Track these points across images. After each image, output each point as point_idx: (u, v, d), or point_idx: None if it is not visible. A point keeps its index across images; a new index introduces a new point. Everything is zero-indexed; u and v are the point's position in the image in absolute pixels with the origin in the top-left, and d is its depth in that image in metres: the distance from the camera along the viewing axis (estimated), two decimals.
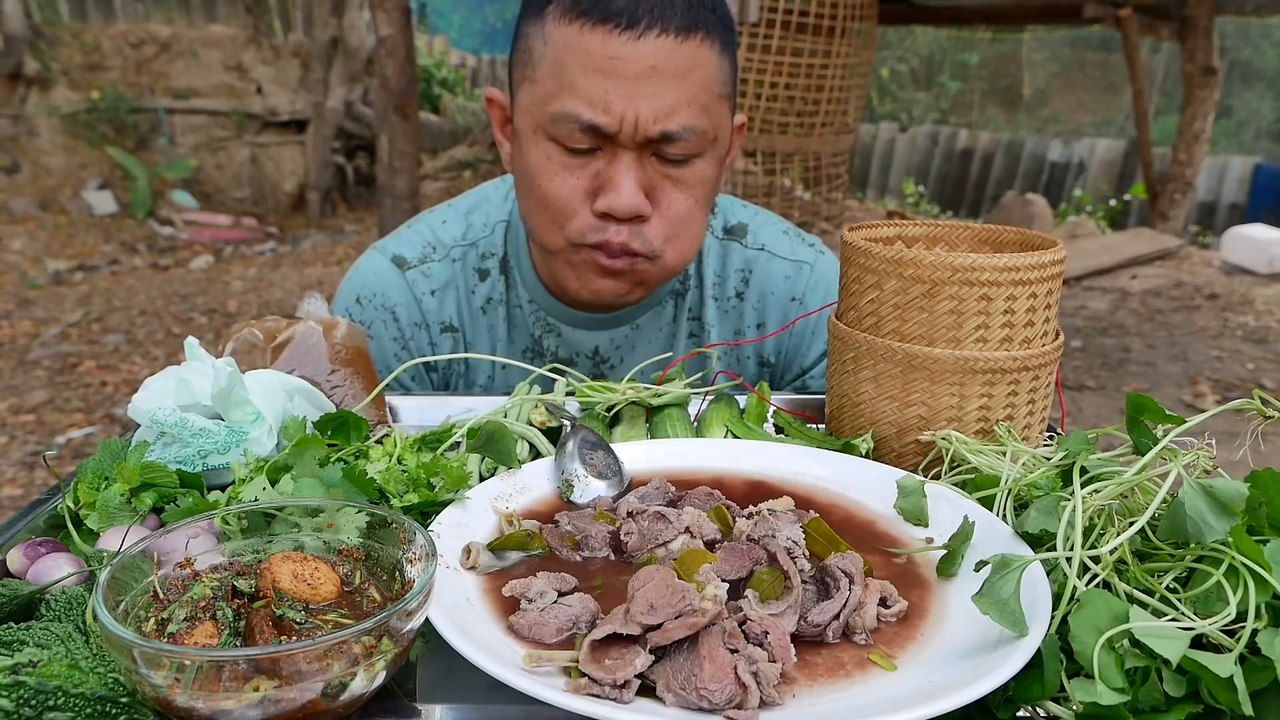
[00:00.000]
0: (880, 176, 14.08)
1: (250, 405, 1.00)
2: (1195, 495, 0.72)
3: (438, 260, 1.51)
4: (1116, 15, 7.87)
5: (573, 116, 1.21)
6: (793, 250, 1.57)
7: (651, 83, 1.20)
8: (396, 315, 1.49)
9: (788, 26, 7.01)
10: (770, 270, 1.55)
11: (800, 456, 1.05)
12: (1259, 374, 5.60)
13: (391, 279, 1.50)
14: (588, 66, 1.20)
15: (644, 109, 1.20)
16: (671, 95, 1.21)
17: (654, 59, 1.19)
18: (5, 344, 5.83)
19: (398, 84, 5.61)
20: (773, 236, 1.57)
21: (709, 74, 1.25)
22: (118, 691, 0.64)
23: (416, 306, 1.50)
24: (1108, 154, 12.30)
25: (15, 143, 9.19)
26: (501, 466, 1.02)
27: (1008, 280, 0.98)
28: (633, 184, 1.24)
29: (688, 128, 1.23)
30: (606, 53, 1.19)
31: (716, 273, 1.56)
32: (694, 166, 1.28)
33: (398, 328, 1.50)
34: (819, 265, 1.57)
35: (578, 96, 1.21)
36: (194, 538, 0.77)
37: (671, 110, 1.21)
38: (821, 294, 1.55)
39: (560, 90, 1.22)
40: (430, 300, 1.50)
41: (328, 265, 8.19)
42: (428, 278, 1.50)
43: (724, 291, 1.56)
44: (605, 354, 1.54)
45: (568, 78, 1.21)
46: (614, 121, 1.21)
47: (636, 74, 1.19)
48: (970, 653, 0.70)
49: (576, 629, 0.73)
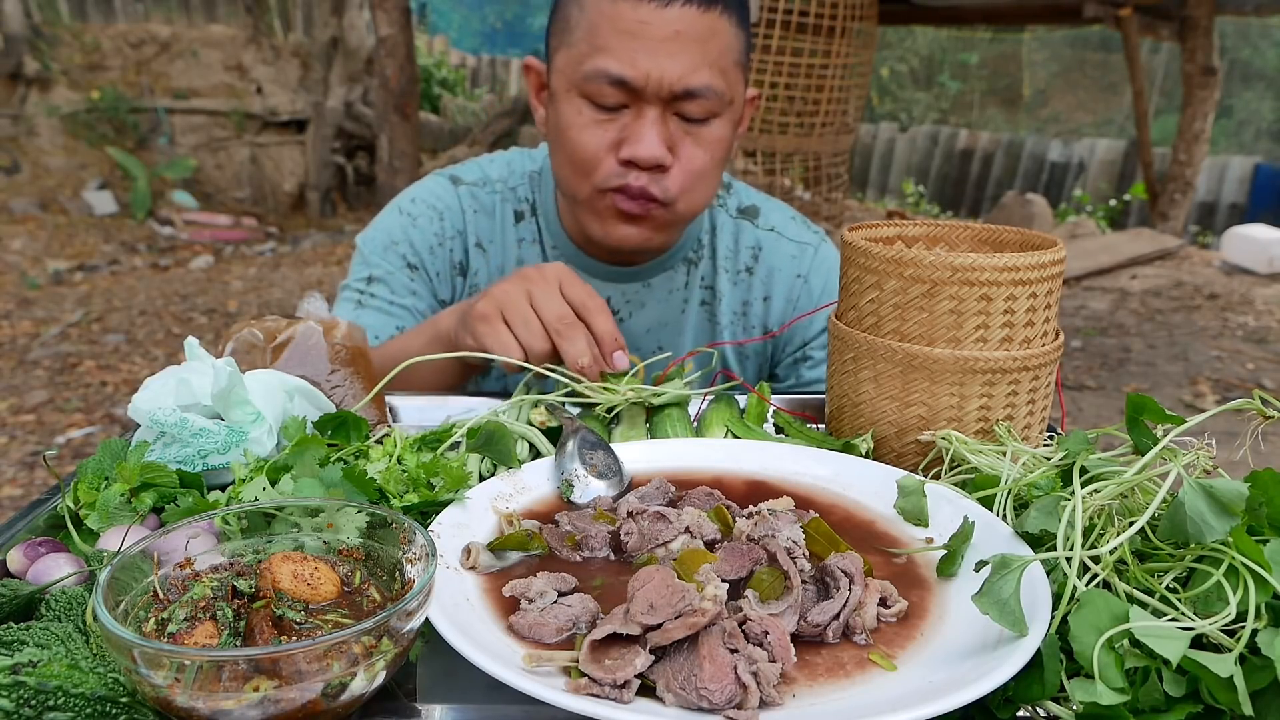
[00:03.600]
0: (880, 176, 14.08)
1: (250, 405, 1.00)
2: (1195, 495, 0.72)
3: (485, 192, 1.68)
4: (1116, 15, 7.87)
5: (603, 73, 1.35)
6: (799, 234, 1.73)
7: (676, 44, 1.34)
8: (443, 216, 1.66)
9: (788, 26, 7.01)
10: (779, 249, 1.71)
11: (800, 456, 1.05)
12: (1259, 374, 5.60)
13: (447, 189, 1.68)
14: (619, 29, 1.34)
15: (669, 68, 1.34)
16: (694, 57, 1.35)
17: (679, 25, 1.33)
18: (5, 344, 5.83)
19: (398, 84, 5.61)
20: (782, 220, 1.74)
21: (727, 42, 1.39)
22: (118, 691, 0.64)
23: (461, 216, 1.66)
24: (1108, 154, 12.30)
25: (15, 143, 9.19)
26: (501, 466, 1.02)
27: (1008, 280, 0.98)
28: (655, 136, 1.37)
29: (708, 86, 1.36)
30: (637, 17, 1.33)
31: (729, 247, 1.70)
32: (711, 126, 1.41)
33: (440, 226, 1.65)
34: (822, 249, 1.73)
35: (609, 55, 1.35)
36: (194, 538, 0.77)
37: (694, 69, 1.35)
38: (824, 274, 1.71)
39: (593, 51, 1.36)
40: (473, 217, 1.67)
41: (328, 265, 8.19)
42: (475, 199, 1.68)
43: (735, 264, 1.71)
44: (616, 307, 1.66)
45: (600, 40, 1.36)
46: (640, 76, 1.34)
47: (663, 37, 1.33)
48: (970, 653, 0.70)
49: (576, 629, 0.73)
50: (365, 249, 1.65)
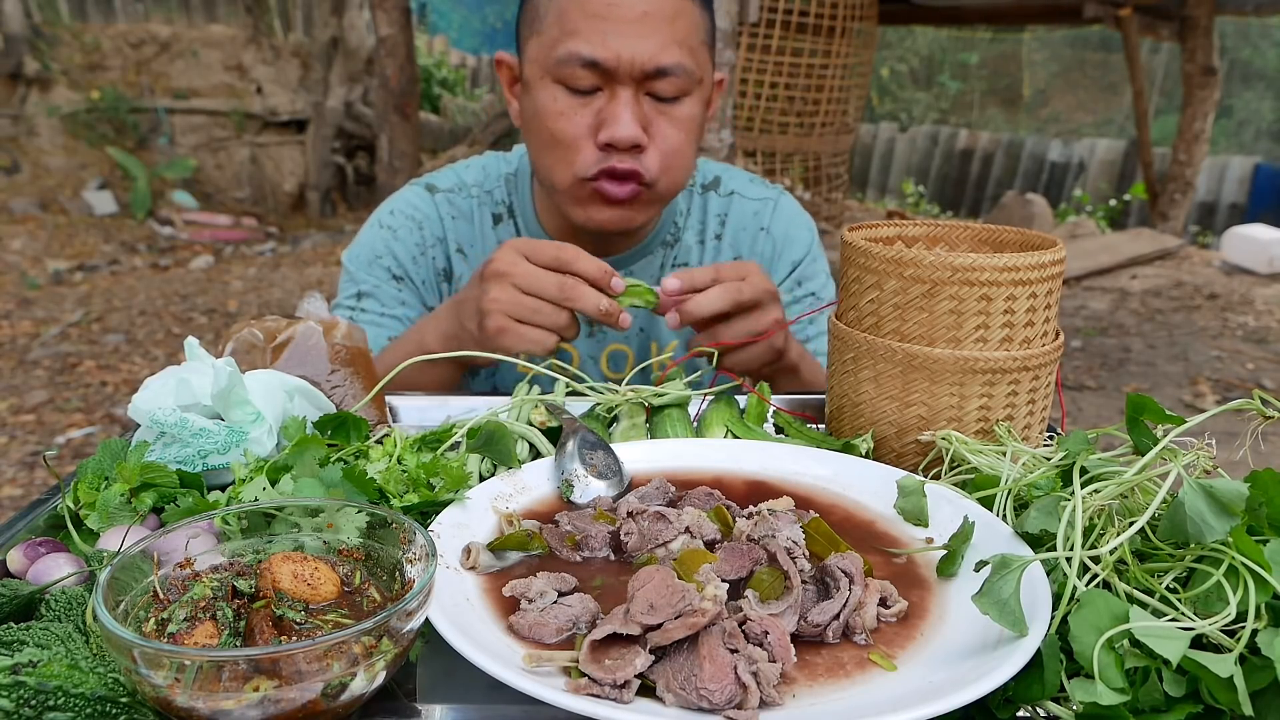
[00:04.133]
0: (880, 176, 14.08)
1: (250, 405, 1.00)
2: (1195, 495, 0.72)
3: (461, 197, 1.70)
4: (1116, 15, 7.87)
5: (576, 55, 1.38)
6: (759, 192, 1.78)
7: (645, 25, 1.37)
8: (422, 226, 1.67)
9: (788, 26, 7.00)
10: (742, 209, 1.75)
11: (800, 456, 1.05)
12: (1259, 374, 5.60)
13: (423, 198, 1.70)
14: (588, 12, 1.37)
15: (640, 47, 1.37)
16: (663, 35, 1.38)
17: (646, 6, 1.37)
18: (5, 344, 5.83)
19: (398, 84, 5.61)
20: (741, 183, 1.78)
21: (693, 21, 1.43)
22: (118, 691, 0.64)
23: (440, 224, 1.69)
24: (1108, 154, 12.30)
25: (15, 143, 9.19)
26: (501, 466, 1.02)
27: (1008, 280, 0.98)
28: (630, 116, 1.40)
29: (678, 64, 1.40)
30: (604, 0, 1.36)
31: (699, 221, 1.75)
32: (683, 105, 1.45)
33: (420, 235, 1.67)
34: (781, 201, 1.78)
35: (579, 38, 1.38)
36: (194, 538, 0.77)
37: (663, 47, 1.38)
38: (784, 223, 1.75)
39: (564, 35, 1.39)
40: (452, 223, 1.69)
41: (328, 265, 8.19)
42: (452, 205, 1.70)
43: (706, 235, 1.74)
44: None
45: (570, 24, 1.39)
46: (612, 57, 1.37)
47: (631, 18, 1.37)
48: (970, 653, 0.70)
49: (576, 629, 0.73)
50: (351, 266, 1.67)
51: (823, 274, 1.77)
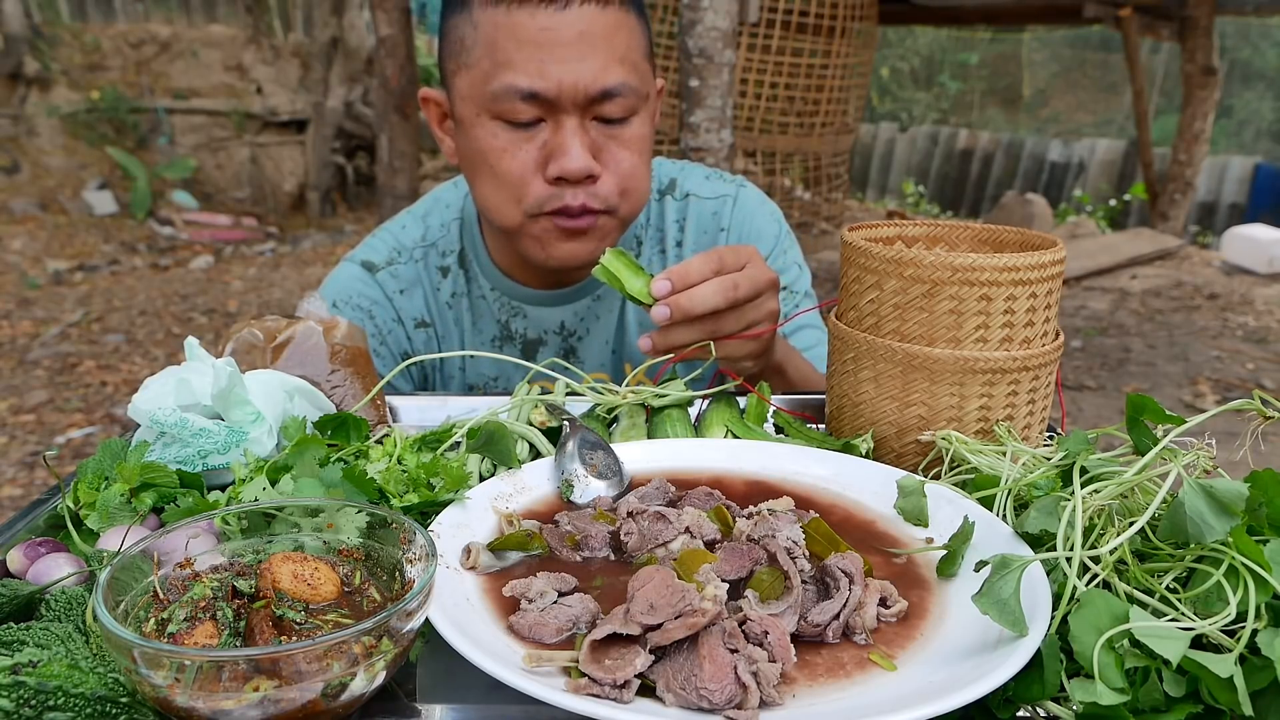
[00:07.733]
0: (880, 176, 14.09)
1: (250, 405, 1.00)
2: (1195, 495, 0.72)
3: (402, 263, 1.61)
4: (1116, 15, 7.88)
5: (513, 89, 1.28)
6: (715, 189, 1.67)
7: (584, 46, 1.28)
8: (372, 314, 1.58)
9: (788, 26, 7.01)
10: (700, 211, 1.65)
11: (800, 456, 1.05)
12: (1259, 374, 5.61)
13: (364, 282, 1.59)
14: (521, 40, 1.27)
15: (581, 71, 1.28)
16: (603, 55, 1.29)
17: (582, 25, 1.27)
18: (5, 344, 5.83)
19: (398, 84, 5.61)
20: (696, 183, 1.68)
21: (633, 35, 1.34)
22: (118, 691, 0.64)
23: (389, 305, 1.59)
24: (1108, 154, 12.30)
25: (15, 143, 9.19)
26: (501, 466, 1.02)
27: (1008, 280, 0.98)
28: (579, 147, 1.31)
29: (623, 83, 1.31)
30: (537, 25, 1.26)
31: (658, 229, 1.66)
32: (631, 125, 1.37)
33: (374, 325, 1.58)
34: (740, 195, 1.67)
35: (515, 70, 1.28)
36: (194, 538, 0.77)
37: (606, 68, 1.29)
38: (742, 220, 1.65)
39: (497, 68, 1.29)
40: (401, 299, 1.60)
41: (328, 265, 8.19)
42: (395, 278, 1.60)
43: (666, 244, 1.66)
44: (572, 328, 1.62)
45: (503, 55, 1.28)
46: (552, 86, 1.28)
47: (569, 41, 1.27)
48: (970, 653, 0.70)
49: (576, 629, 0.73)
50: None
51: (794, 265, 1.67)
